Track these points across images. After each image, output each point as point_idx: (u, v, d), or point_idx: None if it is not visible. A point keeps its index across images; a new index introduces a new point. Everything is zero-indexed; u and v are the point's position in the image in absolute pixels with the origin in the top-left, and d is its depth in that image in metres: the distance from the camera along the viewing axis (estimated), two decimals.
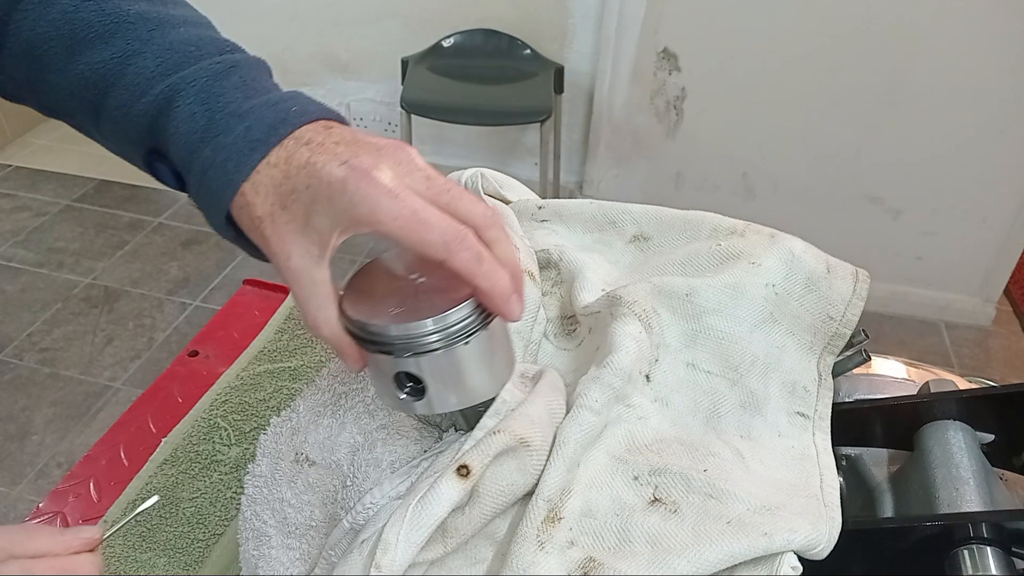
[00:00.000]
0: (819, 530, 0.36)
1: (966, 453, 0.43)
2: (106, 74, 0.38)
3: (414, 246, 0.34)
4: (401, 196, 0.34)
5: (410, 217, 0.34)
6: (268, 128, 0.36)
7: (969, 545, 0.38)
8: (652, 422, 0.43)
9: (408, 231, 0.34)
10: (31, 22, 0.39)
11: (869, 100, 1.78)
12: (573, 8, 1.92)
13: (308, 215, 0.35)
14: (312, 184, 0.34)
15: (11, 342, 1.84)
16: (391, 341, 0.36)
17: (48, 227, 2.23)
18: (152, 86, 0.37)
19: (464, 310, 0.36)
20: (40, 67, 0.39)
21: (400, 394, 0.38)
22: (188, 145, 0.37)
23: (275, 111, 0.37)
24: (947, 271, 1.96)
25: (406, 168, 0.35)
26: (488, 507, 0.37)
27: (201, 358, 0.68)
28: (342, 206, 0.34)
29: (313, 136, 0.36)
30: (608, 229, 0.56)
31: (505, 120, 1.96)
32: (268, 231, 0.36)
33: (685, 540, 0.36)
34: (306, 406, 0.45)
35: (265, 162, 0.35)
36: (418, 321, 0.35)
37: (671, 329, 0.47)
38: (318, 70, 2.18)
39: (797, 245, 0.49)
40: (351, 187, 0.34)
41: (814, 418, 0.45)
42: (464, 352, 0.36)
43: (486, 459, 0.37)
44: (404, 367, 0.37)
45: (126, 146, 0.40)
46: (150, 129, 0.38)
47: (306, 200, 0.35)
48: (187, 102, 0.37)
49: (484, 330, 0.37)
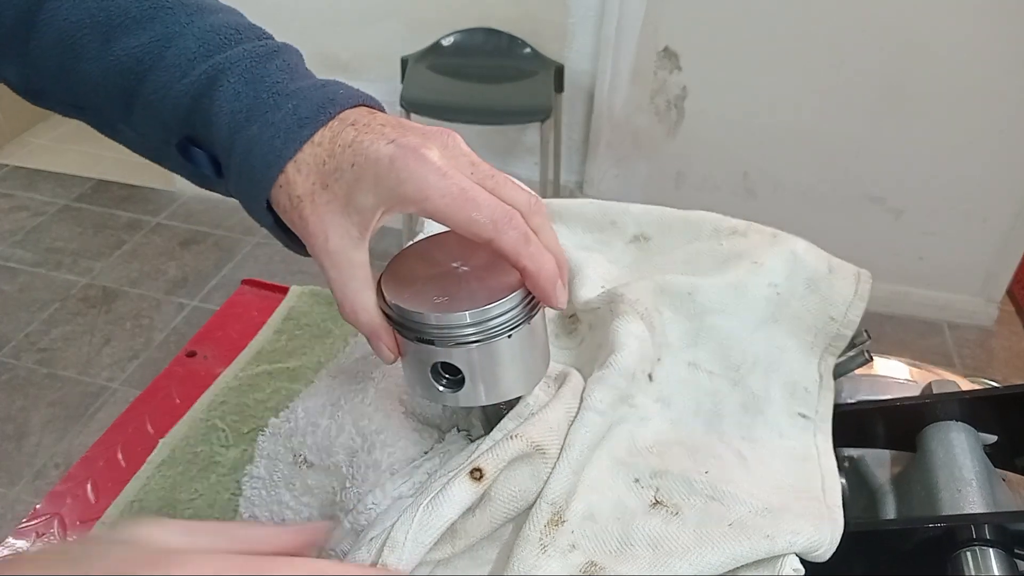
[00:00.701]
0: (821, 532, 0.36)
1: (969, 454, 0.43)
2: (143, 58, 0.38)
3: (461, 224, 0.34)
4: (449, 174, 0.33)
5: (459, 195, 0.33)
6: (316, 107, 0.36)
7: (972, 547, 0.38)
8: (654, 424, 0.43)
9: (456, 209, 0.33)
10: (65, 11, 0.39)
11: (870, 100, 1.77)
12: (573, 7, 1.91)
13: (351, 194, 0.34)
14: (358, 162, 0.34)
15: (8, 342, 1.84)
16: (435, 331, 0.35)
17: (46, 227, 2.23)
18: (194, 67, 0.37)
19: (512, 301, 0.35)
20: (73, 56, 0.39)
21: (438, 386, 0.37)
22: (232, 124, 0.36)
23: (322, 92, 0.37)
24: (949, 271, 1.96)
25: (452, 152, 0.35)
26: (499, 511, 0.37)
27: (199, 358, 0.67)
28: (389, 183, 0.33)
29: (359, 118, 0.36)
30: (608, 229, 0.56)
31: (505, 119, 1.95)
32: (307, 211, 0.35)
33: (686, 543, 0.35)
34: (304, 407, 0.45)
35: (310, 141, 0.35)
36: (463, 312, 0.34)
37: (673, 328, 0.46)
38: (318, 69, 2.14)
39: (799, 245, 0.49)
40: (399, 164, 0.33)
41: (816, 419, 0.45)
42: (507, 346, 0.35)
43: (500, 463, 0.36)
44: (445, 357, 0.36)
45: (159, 133, 0.39)
46: (190, 112, 0.37)
47: (350, 178, 0.34)
48: (231, 82, 0.36)
49: (527, 324, 0.36)
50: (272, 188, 0.35)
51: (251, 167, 0.36)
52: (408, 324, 0.35)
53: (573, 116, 2.07)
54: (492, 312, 0.35)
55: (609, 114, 1.99)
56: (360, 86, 0.40)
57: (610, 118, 2.00)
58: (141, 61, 0.38)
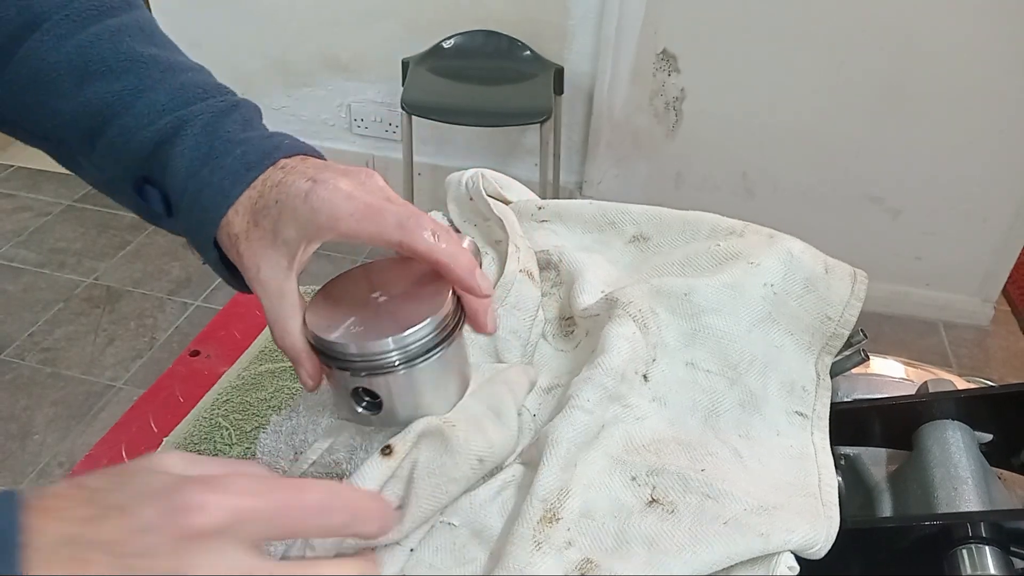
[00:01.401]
0: (817, 529, 0.37)
1: (965, 453, 0.43)
2: (114, 103, 0.41)
3: (373, 235, 0.37)
4: (357, 196, 0.37)
5: (365, 210, 0.36)
6: (262, 154, 0.39)
7: (968, 545, 0.38)
8: (650, 422, 0.43)
9: (366, 222, 0.36)
10: (44, 51, 0.41)
11: (869, 100, 1.78)
12: (573, 9, 1.92)
13: (276, 229, 0.37)
14: (281, 199, 0.37)
15: (13, 342, 1.84)
16: (350, 358, 0.37)
17: (50, 227, 2.24)
18: (161, 117, 0.40)
19: (423, 330, 0.37)
20: (46, 93, 0.41)
21: (359, 408, 0.39)
22: (188, 169, 0.39)
23: (269, 142, 0.40)
24: (946, 271, 1.96)
25: (368, 187, 0.38)
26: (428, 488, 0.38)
27: (202, 358, 0.68)
28: (306, 215, 0.36)
29: (293, 164, 0.39)
30: (608, 229, 0.56)
31: (505, 121, 1.96)
32: (242, 246, 0.38)
33: (682, 541, 0.36)
34: (306, 406, 0.46)
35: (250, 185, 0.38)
36: (377, 340, 0.37)
37: (670, 328, 0.47)
38: (318, 71, 2.18)
39: (796, 245, 0.49)
40: (313, 196, 0.36)
41: (812, 417, 0.45)
42: (421, 372, 0.38)
43: (407, 441, 0.38)
44: (363, 383, 0.38)
45: (118, 171, 0.42)
46: (150, 155, 0.41)
47: (275, 214, 0.37)
48: (193, 132, 0.40)
49: (441, 351, 0.38)
50: (219, 226, 0.38)
51: (202, 207, 0.39)
52: (328, 352, 0.38)
53: (573, 117, 2.07)
54: (407, 340, 0.37)
55: (608, 115, 2.00)
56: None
57: (609, 119, 2.00)
58: (111, 106, 0.41)
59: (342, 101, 2.22)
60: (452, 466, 0.38)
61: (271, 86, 2.21)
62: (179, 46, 0.46)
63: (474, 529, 0.39)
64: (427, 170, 2.18)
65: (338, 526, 0.30)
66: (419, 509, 0.37)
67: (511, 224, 0.54)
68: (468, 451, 0.38)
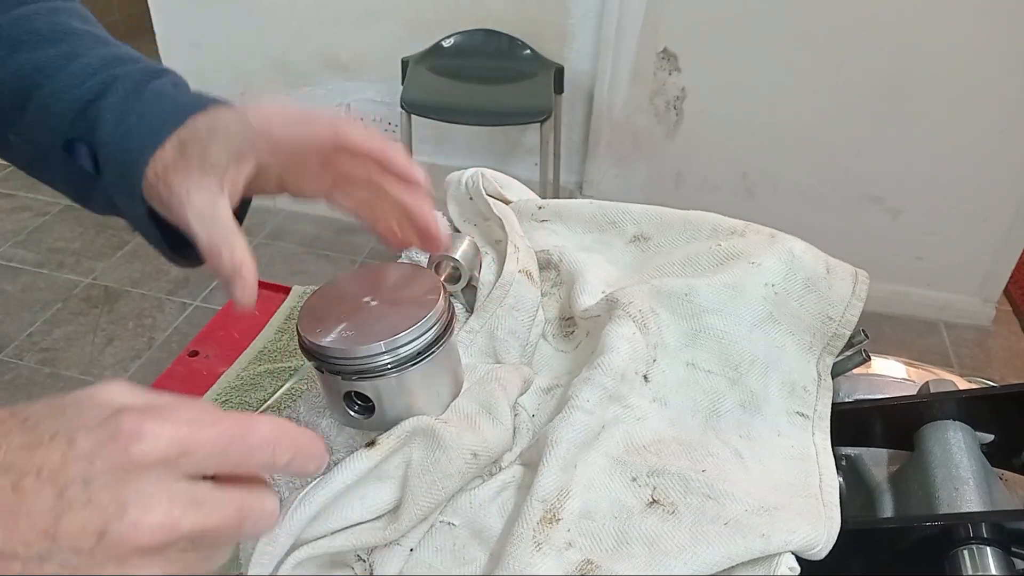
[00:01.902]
0: (818, 530, 0.36)
1: (966, 453, 0.43)
2: (46, 67, 0.41)
3: (304, 139, 0.38)
4: (288, 107, 0.38)
5: (297, 115, 0.38)
6: (191, 102, 0.40)
7: (969, 545, 0.38)
8: (650, 423, 0.43)
9: (297, 125, 0.38)
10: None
11: (869, 100, 1.78)
12: (573, 8, 1.91)
13: (205, 154, 0.38)
14: (211, 125, 0.38)
15: (11, 342, 1.84)
16: (342, 362, 0.38)
17: (48, 227, 2.23)
18: (94, 76, 0.41)
19: (414, 334, 0.38)
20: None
21: (351, 412, 0.40)
22: (117, 119, 0.40)
23: (199, 96, 0.41)
24: (947, 271, 1.96)
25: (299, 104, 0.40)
26: (423, 485, 0.38)
27: (201, 358, 0.68)
28: (238, 130, 0.38)
29: (223, 107, 0.40)
30: (608, 229, 0.56)
31: (505, 120, 1.96)
32: (171, 176, 0.38)
33: (682, 541, 0.36)
34: (306, 406, 0.45)
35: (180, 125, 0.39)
36: (368, 344, 0.37)
37: (670, 329, 0.47)
38: (318, 70, 2.18)
39: (797, 245, 0.49)
40: (247, 112, 0.38)
41: (813, 418, 0.45)
42: (412, 375, 0.38)
43: (393, 437, 0.39)
44: (354, 387, 0.38)
45: (45, 137, 0.42)
46: (80, 114, 0.41)
47: (204, 140, 0.38)
48: (124, 87, 0.41)
49: (433, 354, 0.39)
50: (147, 169, 0.38)
51: (128, 150, 0.39)
52: (320, 356, 0.38)
53: (573, 117, 2.07)
54: (396, 344, 0.37)
55: (609, 115, 1.99)
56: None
57: (610, 119, 2.00)
58: (42, 70, 0.41)
59: (342, 100, 2.22)
60: (446, 461, 0.38)
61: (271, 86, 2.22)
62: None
63: (474, 529, 0.39)
64: (427, 169, 2.18)
65: (282, 463, 0.28)
66: (416, 507, 0.37)
67: (511, 224, 0.54)
68: (461, 445, 0.38)
